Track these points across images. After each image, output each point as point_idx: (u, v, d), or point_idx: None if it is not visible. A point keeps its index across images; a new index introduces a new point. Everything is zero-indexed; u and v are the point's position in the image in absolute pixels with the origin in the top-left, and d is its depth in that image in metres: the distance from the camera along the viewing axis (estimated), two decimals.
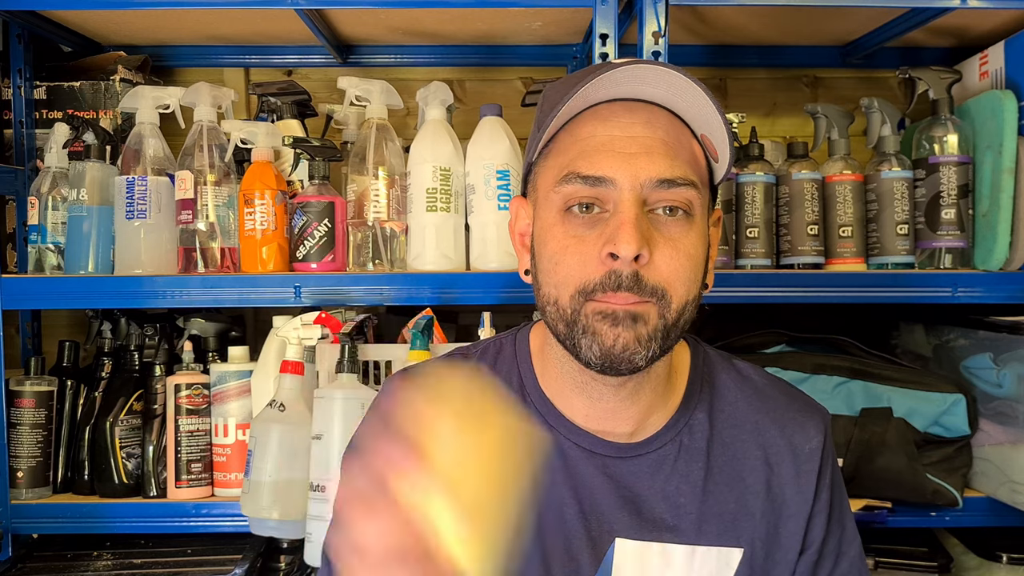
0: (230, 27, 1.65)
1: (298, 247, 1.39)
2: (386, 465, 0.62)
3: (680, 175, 0.77)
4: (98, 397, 1.50)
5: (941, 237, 1.45)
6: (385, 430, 0.64)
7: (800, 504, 0.88)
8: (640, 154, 0.77)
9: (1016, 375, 1.35)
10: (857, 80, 1.86)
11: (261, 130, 1.41)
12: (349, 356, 1.27)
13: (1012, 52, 1.47)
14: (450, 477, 0.64)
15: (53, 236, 1.48)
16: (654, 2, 1.34)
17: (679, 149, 0.79)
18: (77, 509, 1.43)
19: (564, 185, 0.78)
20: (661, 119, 0.79)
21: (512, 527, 0.75)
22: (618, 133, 0.77)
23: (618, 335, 0.76)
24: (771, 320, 1.62)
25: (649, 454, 0.86)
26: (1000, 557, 1.43)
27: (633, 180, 0.76)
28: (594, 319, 0.77)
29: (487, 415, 0.68)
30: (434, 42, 1.76)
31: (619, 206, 0.76)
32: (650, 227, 0.77)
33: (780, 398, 0.92)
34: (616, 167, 0.76)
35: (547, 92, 0.87)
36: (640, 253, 0.75)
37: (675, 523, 0.85)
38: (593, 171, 0.77)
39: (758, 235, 1.46)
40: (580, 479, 0.85)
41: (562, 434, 0.86)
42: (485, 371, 0.91)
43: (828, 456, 0.91)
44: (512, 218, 0.89)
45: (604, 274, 0.76)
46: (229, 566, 1.40)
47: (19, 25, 1.57)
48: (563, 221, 0.79)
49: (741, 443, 0.89)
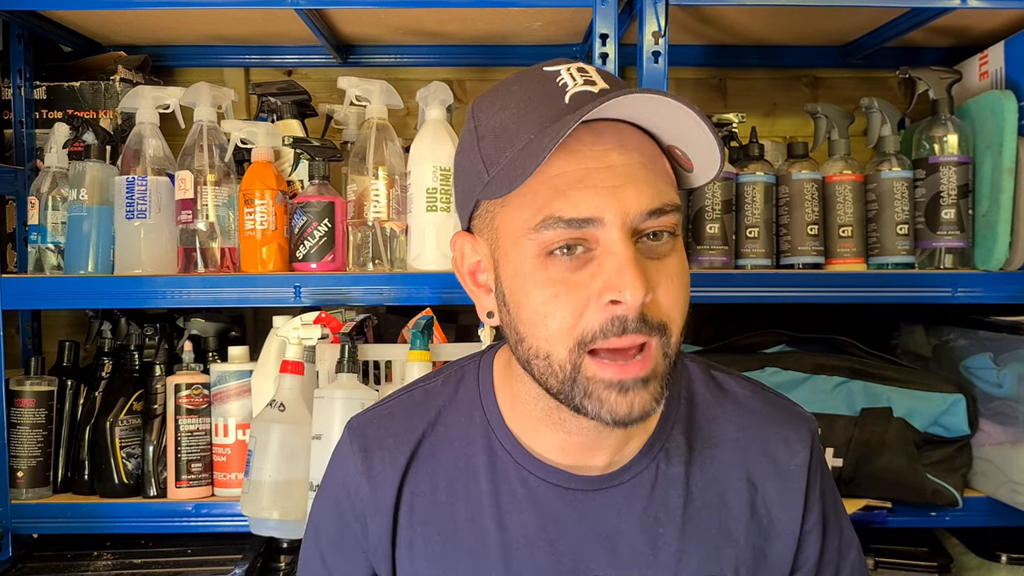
0: (230, 27, 1.65)
1: (298, 247, 1.39)
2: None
3: (667, 202, 0.70)
4: (98, 397, 1.50)
5: (941, 237, 1.45)
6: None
7: (788, 523, 0.83)
8: (624, 186, 0.69)
9: (1016, 375, 1.35)
10: (857, 80, 1.86)
11: (261, 130, 1.41)
12: (349, 356, 1.27)
13: (1012, 52, 1.47)
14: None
15: (53, 236, 1.48)
16: (654, 2, 1.34)
17: (657, 171, 0.72)
18: (77, 509, 1.43)
19: (543, 231, 0.69)
20: (632, 139, 0.71)
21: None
22: (593, 164, 0.69)
23: (632, 402, 0.70)
24: (771, 320, 1.62)
25: (624, 484, 0.81)
26: (1000, 557, 1.43)
27: (623, 217, 0.68)
28: (596, 387, 0.70)
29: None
30: (434, 42, 1.76)
31: (610, 246, 0.68)
32: (643, 262, 0.70)
33: (762, 411, 0.86)
34: (601, 205, 0.68)
35: (489, 117, 0.75)
36: (649, 295, 0.68)
37: (654, 556, 0.80)
38: (576, 213, 0.68)
39: (758, 235, 1.46)
40: (551, 517, 0.80)
41: (530, 471, 0.81)
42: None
43: (816, 468, 0.85)
44: (457, 256, 0.80)
45: (606, 321, 0.69)
46: (229, 566, 1.40)
47: (19, 25, 1.57)
48: (545, 267, 0.70)
49: (722, 463, 0.83)
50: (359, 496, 0.84)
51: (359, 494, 0.84)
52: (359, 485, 0.84)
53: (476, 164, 0.75)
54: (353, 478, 0.85)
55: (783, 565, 0.84)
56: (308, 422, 1.28)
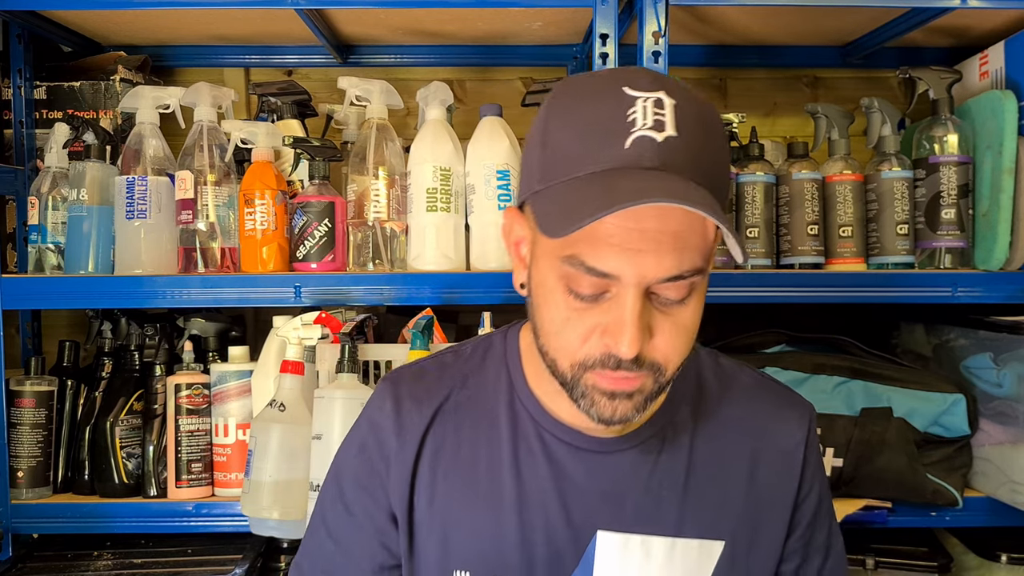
0: (230, 27, 1.65)
1: (298, 247, 1.39)
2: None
3: (688, 268, 0.74)
4: (98, 397, 1.50)
5: (941, 237, 1.45)
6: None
7: (784, 496, 0.90)
8: (648, 252, 0.72)
9: (1016, 375, 1.35)
10: (857, 80, 1.86)
11: (261, 130, 1.41)
12: (349, 356, 1.27)
13: (1012, 52, 1.47)
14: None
15: (53, 236, 1.48)
16: (654, 2, 1.34)
17: (690, 236, 0.74)
18: (77, 509, 1.43)
19: (567, 266, 0.74)
20: (675, 208, 0.72)
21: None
22: (629, 224, 0.72)
23: (615, 407, 0.78)
24: (771, 320, 1.62)
25: (632, 449, 0.87)
26: (1000, 557, 1.43)
27: (640, 279, 0.73)
28: (592, 391, 0.78)
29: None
30: (434, 42, 1.76)
31: (621, 299, 0.74)
32: (652, 312, 0.75)
33: (764, 396, 0.94)
34: (622, 266, 0.72)
35: (557, 130, 0.77)
36: (640, 353, 0.74)
37: (656, 516, 0.87)
38: (598, 265, 0.73)
39: (758, 235, 1.46)
40: (563, 472, 0.87)
41: (547, 429, 0.88)
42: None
43: (812, 449, 0.93)
44: (506, 227, 0.87)
45: (604, 355, 0.76)
46: (229, 566, 1.40)
47: (19, 25, 1.57)
48: (565, 292, 0.76)
49: (724, 440, 0.90)
50: (386, 439, 0.90)
51: (386, 437, 0.90)
52: (387, 429, 0.90)
53: (535, 166, 0.79)
54: (382, 423, 0.91)
55: (777, 535, 0.90)
56: (308, 422, 1.28)
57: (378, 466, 0.90)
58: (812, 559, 0.93)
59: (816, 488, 0.92)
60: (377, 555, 0.92)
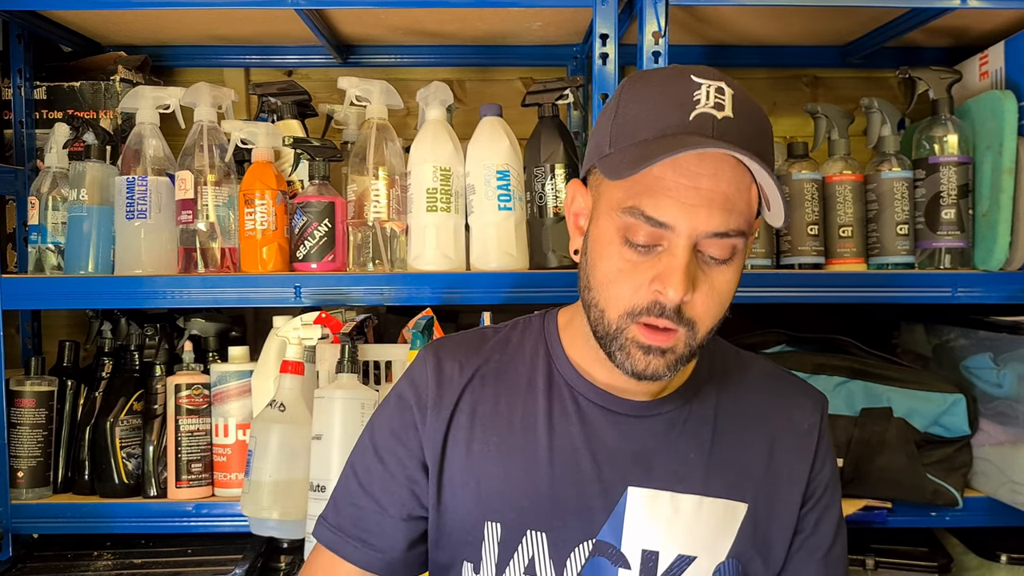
0: (230, 27, 1.65)
1: (298, 247, 1.39)
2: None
3: (733, 227, 0.82)
4: (98, 397, 1.50)
5: (941, 237, 1.45)
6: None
7: (800, 469, 0.96)
8: (701, 207, 0.81)
9: (1016, 375, 1.35)
10: (857, 80, 1.86)
11: (261, 130, 1.41)
12: (349, 356, 1.27)
13: (1012, 52, 1.47)
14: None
15: (53, 236, 1.48)
16: (654, 2, 1.34)
17: (737, 200, 0.83)
18: (77, 509, 1.43)
19: (627, 216, 0.83)
20: (727, 170, 0.82)
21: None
22: (685, 182, 0.81)
23: (649, 362, 0.85)
24: (771, 320, 1.62)
25: (661, 415, 0.94)
26: (1000, 557, 1.43)
27: (692, 231, 0.81)
28: (631, 344, 0.85)
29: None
30: (434, 42, 1.76)
31: (673, 250, 0.82)
32: (697, 268, 0.83)
33: (782, 382, 1.02)
34: (678, 216, 0.81)
35: (629, 103, 0.86)
36: (686, 299, 0.82)
37: (684, 475, 0.92)
38: (657, 215, 0.82)
39: (758, 235, 1.46)
40: (595, 432, 0.93)
41: (582, 393, 0.94)
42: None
43: (824, 433, 1.00)
44: (568, 199, 0.95)
45: (651, 302, 0.83)
46: (229, 566, 1.40)
47: (19, 25, 1.57)
48: (620, 243, 0.84)
49: (745, 415, 0.97)
50: (426, 391, 0.96)
51: (426, 390, 0.96)
52: (427, 383, 0.96)
53: (605, 136, 0.88)
54: (423, 377, 0.97)
55: (792, 510, 0.96)
56: (308, 422, 1.28)
57: (415, 416, 0.95)
58: (822, 530, 0.98)
59: (828, 467, 0.98)
60: (407, 503, 0.95)
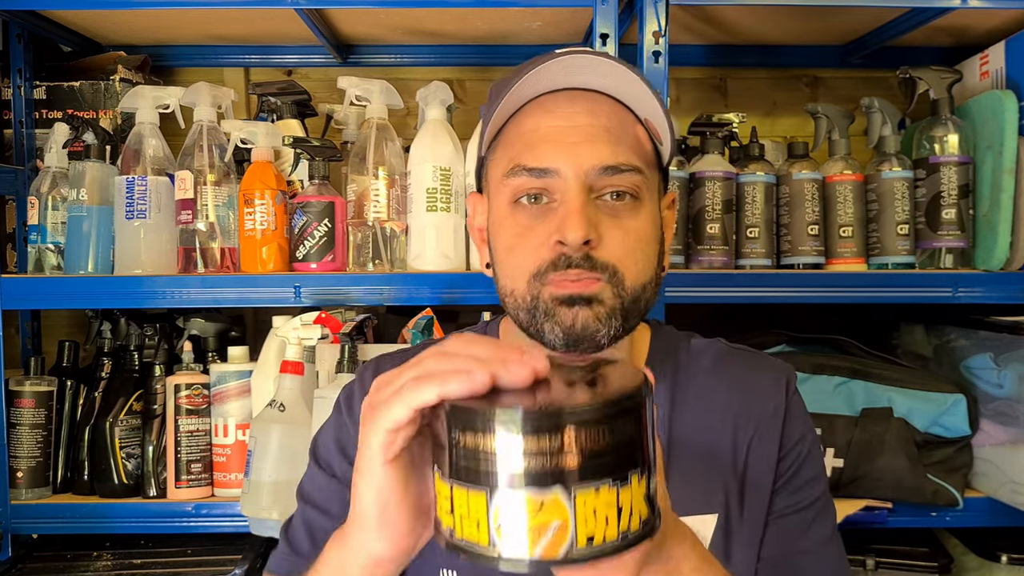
0: (230, 27, 1.65)
1: (298, 247, 1.39)
2: None
3: (624, 161, 0.79)
4: (98, 397, 1.50)
5: (942, 237, 1.44)
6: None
7: (767, 459, 0.89)
8: (582, 143, 0.78)
9: (1017, 375, 1.35)
10: (857, 80, 1.86)
11: (261, 130, 1.41)
12: (349, 356, 1.27)
13: (1013, 52, 1.46)
14: None
15: (53, 236, 1.48)
16: (654, 2, 1.34)
17: (622, 135, 0.80)
18: (77, 509, 1.43)
19: (512, 178, 0.81)
20: (603, 106, 0.80)
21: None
22: (561, 123, 0.79)
23: (576, 314, 0.79)
24: (771, 320, 1.62)
25: None
26: (1000, 557, 1.42)
27: (577, 169, 0.78)
28: (552, 303, 0.79)
29: None
30: (434, 42, 1.76)
31: (565, 195, 0.79)
32: (598, 212, 0.79)
33: (738, 365, 0.94)
34: (560, 157, 0.78)
35: (493, 86, 0.88)
36: (588, 238, 0.77)
37: None
38: (538, 163, 0.79)
39: (758, 235, 1.46)
40: None
41: None
42: None
43: (792, 408, 0.91)
44: (470, 214, 0.92)
45: (555, 255, 0.78)
46: (229, 566, 1.40)
47: (19, 25, 1.57)
48: (513, 213, 0.82)
49: (703, 413, 0.90)
50: (361, 397, 0.90)
51: (361, 396, 0.90)
52: (362, 390, 0.91)
53: (481, 128, 0.85)
54: (357, 387, 0.93)
55: (765, 490, 0.88)
56: (308, 422, 1.28)
57: (347, 421, 0.91)
58: (802, 494, 0.90)
59: (799, 442, 0.90)
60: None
